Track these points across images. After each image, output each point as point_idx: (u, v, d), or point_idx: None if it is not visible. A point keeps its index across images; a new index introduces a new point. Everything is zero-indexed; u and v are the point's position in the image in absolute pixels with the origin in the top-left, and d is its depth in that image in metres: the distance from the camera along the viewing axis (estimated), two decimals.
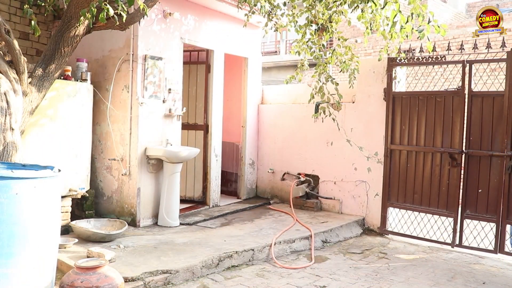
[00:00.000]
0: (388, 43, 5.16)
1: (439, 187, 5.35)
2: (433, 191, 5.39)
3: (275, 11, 5.63)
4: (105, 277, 3.12)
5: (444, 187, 5.31)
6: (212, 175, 6.50)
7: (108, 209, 5.59)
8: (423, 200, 5.48)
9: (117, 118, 5.46)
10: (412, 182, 5.56)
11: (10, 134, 3.48)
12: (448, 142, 5.29)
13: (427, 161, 5.44)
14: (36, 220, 2.81)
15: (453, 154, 5.23)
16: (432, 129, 5.40)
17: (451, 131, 5.26)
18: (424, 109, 5.46)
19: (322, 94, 5.43)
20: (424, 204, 5.47)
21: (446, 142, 5.30)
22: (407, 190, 5.61)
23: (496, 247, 4.91)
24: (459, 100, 5.20)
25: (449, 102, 5.28)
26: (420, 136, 5.50)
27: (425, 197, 5.46)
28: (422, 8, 4.52)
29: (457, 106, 5.22)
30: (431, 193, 5.41)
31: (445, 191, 5.31)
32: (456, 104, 5.22)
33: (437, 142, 5.37)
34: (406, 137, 5.62)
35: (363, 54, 14.15)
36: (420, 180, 5.49)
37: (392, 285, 4.06)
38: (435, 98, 5.38)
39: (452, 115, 5.24)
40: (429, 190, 5.43)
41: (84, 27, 4.02)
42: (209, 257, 4.21)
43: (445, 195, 5.30)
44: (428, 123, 5.43)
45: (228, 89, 7.05)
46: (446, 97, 5.30)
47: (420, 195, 5.50)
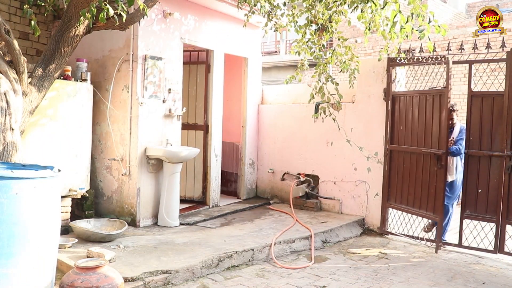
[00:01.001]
0: (388, 43, 5.16)
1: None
2: (432, 192, 5.37)
3: (275, 11, 5.63)
4: (105, 277, 3.12)
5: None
6: (212, 175, 6.50)
7: (108, 209, 5.59)
8: (422, 201, 5.46)
9: (117, 118, 5.46)
10: (414, 183, 5.52)
11: (10, 134, 3.48)
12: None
13: (427, 161, 5.41)
14: (36, 220, 2.81)
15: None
16: (430, 129, 5.36)
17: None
18: (424, 109, 5.41)
19: (322, 94, 5.43)
20: (423, 205, 5.45)
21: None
22: (409, 191, 5.59)
23: (496, 247, 4.90)
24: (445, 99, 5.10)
25: (437, 101, 5.20)
26: (419, 136, 5.46)
27: (424, 197, 5.44)
28: (422, 8, 4.52)
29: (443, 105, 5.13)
30: (430, 194, 5.39)
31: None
32: (444, 103, 5.12)
33: (432, 143, 5.32)
34: (404, 137, 5.60)
35: (363, 54, 14.15)
36: (420, 180, 5.48)
37: (392, 285, 4.06)
38: (426, 97, 5.30)
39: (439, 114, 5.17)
40: (427, 191, 5.40)
41: (84, 27, 4.02)
42: (209, 257, 4.21)
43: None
44: (427, 123, 5.39)
45: (228, 89, 7.05)
46: (434, 96, 5.22)
47: (420, 195, 5.48)
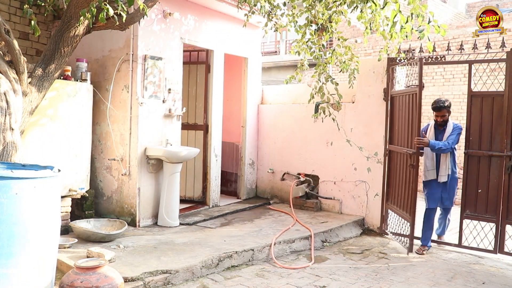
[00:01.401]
0: (388, 43, 5.16)
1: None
2: (406, 191, 5.32)
3: (275, 11, 5.64)
4: (105, 277, 3.12)
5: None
6: (212, 175, 6.50)
7: (108, 209, 5.59)
8: (402, 201, 5.42)
9: (117, 118, 5.46)
10: (398, 183, 5.46)
11: (10, 134, 3.48)
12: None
13: (405, 161, 5.37)
14: (36, 220, 2.81)
15: None
16: (408, 128, 5.29)
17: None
18: (405, 108, 5.30)
19: (322, 94, 5.43)
20: (402, 205, 5.42)
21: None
22: (398, 191, 5.54)
23: (495, 247, 4.90)
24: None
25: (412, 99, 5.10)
26: (403, 136, 5.40)
27: (403, 197, 5.39)
28: (422, 8, 4.52)
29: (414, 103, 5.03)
30: (405, 194, 5.34)
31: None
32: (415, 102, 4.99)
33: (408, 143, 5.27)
34: (397, 137, 5.57)
35: (363, 54, 14.13)
36: (402, 181, 5.43)
37: (392, 285, 4.06)
38: (408, 96, 5.20)
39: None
40: (404, 190, 5.36)
41: (84, 27, 4.02)
42: (209, 257, 4.22)
43: None
44: (407, 122, 5.30)
45: (228, 89, 7.06)
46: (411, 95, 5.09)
47: (402, 195, 5.45)
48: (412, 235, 4.99)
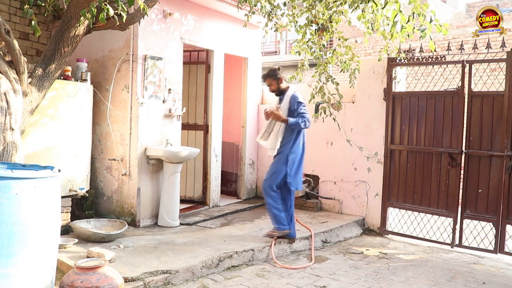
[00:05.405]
0: (388, 43, 5.16)
1: (439, 187, 5.35)
2: (433, 191, 5.39)
3: (275, 11, 5.63)
4: (105, 277, 3.12)
5: (444, 187, 5.31)
6: (212, 175, 6.50)
7: (108, 209, 5.59)
8: (423, 200, 5.47)
9: (117, 118, 5.46)
10: (412, 182, 5.56)
11: (10, 134, 3.48)
12: (447, 142, 5.29)
13: (427, 161, 5.44)
14: (36, 220, 2.81)
15: (453, 154, 5.22)
16: (431, 129, 5.40)
17: (451, 131, 5.26)
18: (424, 109, 5.46)
19: (323, 94, 5.44)
20: (423, 204, 5.47)
21: (445, 142, 5.30)
22: (407, 190, 5.61)
23: (496, 247, 4.91)
24: (458, 100, 5.20)
25: (449, 102, 5.27)
26: (420, 136, 5.50)
27: (424, 197, 5.46)
28: (423, 7, 4.52)
29: (456, 106, 5.22)
30: (431, 193, 5.41)
31: (444, 191, 5.31)
32: (456, 104, 5.22)
33: (436, 142, 5.38)
34: (406, 137, 5.63)
35: (363, 54, 14.14)
36: (420, 180, 5.49)
37: (392, 285, 4.06)
38: (434, 98, 5.38)
39: (452, 115, 5.24)
40: (428, 190, 5.43)
41: (84, 27, 4.02)
42: (209, 257, 4.21)
43: (445, 195, 5.30)
44: (428, 123, 5.43)
45: (228, 89, 7.05)
46: (446, 97, 5.30)
47: (420, 195, 5.50)
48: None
